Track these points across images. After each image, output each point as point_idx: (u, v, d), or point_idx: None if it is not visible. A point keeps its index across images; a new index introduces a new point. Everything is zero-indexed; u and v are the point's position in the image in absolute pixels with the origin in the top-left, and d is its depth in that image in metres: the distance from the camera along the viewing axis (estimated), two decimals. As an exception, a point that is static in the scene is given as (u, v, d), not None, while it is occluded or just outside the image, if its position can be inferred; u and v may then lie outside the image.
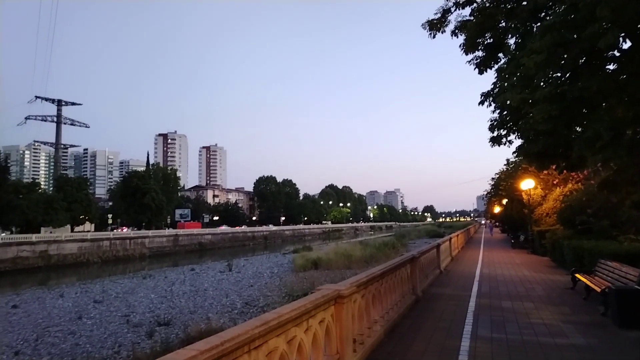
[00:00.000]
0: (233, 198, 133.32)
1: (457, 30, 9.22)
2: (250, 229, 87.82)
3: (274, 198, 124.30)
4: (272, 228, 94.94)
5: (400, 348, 5.80)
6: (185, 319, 14.91)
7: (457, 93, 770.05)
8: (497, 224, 66.18)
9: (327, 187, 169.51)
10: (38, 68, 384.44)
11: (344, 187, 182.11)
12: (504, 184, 32.11)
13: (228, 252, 56.38)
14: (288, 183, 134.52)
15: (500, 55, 9.42)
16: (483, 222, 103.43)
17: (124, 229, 71.63)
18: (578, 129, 7.98)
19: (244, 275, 26.28)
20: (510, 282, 12.21)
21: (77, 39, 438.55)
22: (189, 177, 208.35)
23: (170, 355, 2.17)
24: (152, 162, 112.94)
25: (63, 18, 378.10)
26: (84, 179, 77.36)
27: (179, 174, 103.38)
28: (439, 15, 9.23)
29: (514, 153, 11.23)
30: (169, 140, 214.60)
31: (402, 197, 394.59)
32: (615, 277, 8.16)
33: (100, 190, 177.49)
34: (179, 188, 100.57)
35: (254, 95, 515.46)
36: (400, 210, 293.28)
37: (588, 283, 8.91)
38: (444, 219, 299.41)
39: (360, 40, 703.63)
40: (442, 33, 9.42)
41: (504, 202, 35.40)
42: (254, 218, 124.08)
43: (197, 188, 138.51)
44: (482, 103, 9.65)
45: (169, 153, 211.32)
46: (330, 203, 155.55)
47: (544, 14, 7.47)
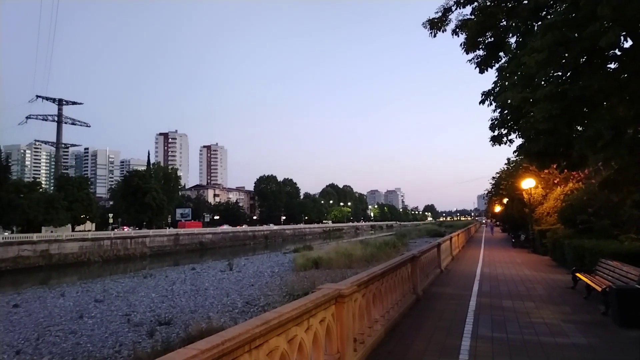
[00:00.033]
0: (234, 197, 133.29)
1: (457, 29, 9.24)
2: (251, 229, 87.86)
3: (275, 197, 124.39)
4: (272, 227, 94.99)
5: (401, 347, 5.80)
6: (186, 318, 14.93)
7: (457, 93, 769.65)
8: (497, 223, 66.08)
9: (327, 186, 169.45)
10: (39, 67, 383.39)
11: (345, 186, 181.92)
12: (505, 183, 32.10)
13: (229, 251, 56.47)
14: (289, 182, 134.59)
15: (501, 54, 9.45)
16: (484, 221, 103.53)
17: (125, 229, 71.67)
18: (579, 128, 7.98)
19: (245, 275, 26.30)
20: (511, 281, 12.20)
21: (77, 39, 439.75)
22: (190, 176, 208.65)
23: (171, 355, 2.17)
24: (152, 161, 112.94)
25: (64, 18, 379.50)
26: (85, 178, 77.48)
27: (180, 173, 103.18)
28: (440, 14, 9.25)
29: (515, 152, 11.22)
30: (170, 140, 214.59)
31: (402, 196, 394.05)
32: (616, 276, 8.16)
33: (101, 190, 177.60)
34: (180, 187, 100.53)
35: (254, 95, 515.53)
36: (401, 210, 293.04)
37: (589, 282, 8.91)
38: (445, 219, 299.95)
39: (360, 40, 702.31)
40: (442, 32, 9.44)
41: (505, 201, 35.36)
42: (255, 217, 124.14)
43: (197, 187, 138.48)
44: (482, 102, 9.67)
45: (170, 152, 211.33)
46: (331, 202, 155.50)
47: (545, 13, 7.47)
